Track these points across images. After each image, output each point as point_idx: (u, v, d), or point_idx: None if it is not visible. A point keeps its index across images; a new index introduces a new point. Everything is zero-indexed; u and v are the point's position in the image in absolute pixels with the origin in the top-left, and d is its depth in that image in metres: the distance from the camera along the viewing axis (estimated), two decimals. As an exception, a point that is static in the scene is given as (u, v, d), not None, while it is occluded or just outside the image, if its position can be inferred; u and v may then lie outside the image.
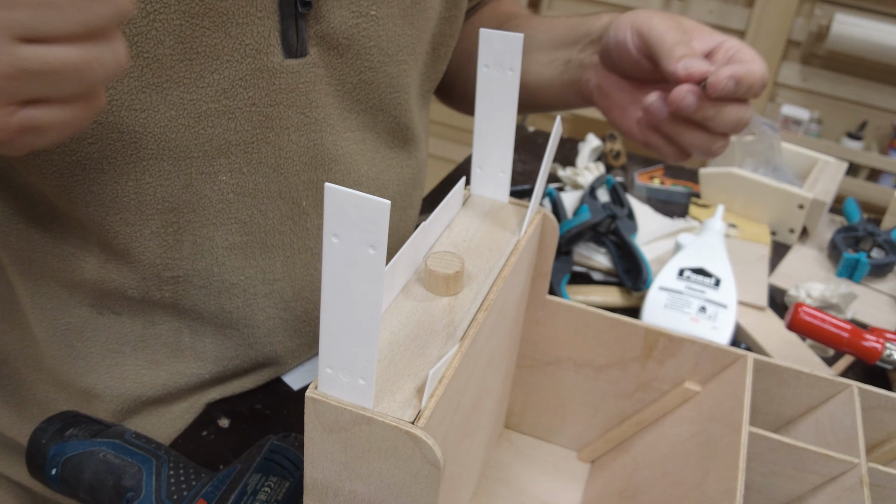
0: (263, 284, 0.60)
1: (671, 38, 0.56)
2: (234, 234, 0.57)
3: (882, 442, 0.54)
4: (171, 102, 0.49)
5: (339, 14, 0.54)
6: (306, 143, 0.57)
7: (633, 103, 0.63)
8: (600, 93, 0.65)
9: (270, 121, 0.54)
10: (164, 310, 0.59)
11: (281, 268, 0.60)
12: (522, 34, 0.45)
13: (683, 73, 0.53)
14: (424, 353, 0.37)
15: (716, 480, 0.45)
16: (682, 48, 0.55)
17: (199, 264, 0.56)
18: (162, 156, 0.51)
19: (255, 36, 0.50)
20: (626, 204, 0.94)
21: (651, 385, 0.55)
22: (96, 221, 0.52)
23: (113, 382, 0.60)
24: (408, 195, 0.71)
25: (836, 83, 2.23)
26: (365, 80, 0.59)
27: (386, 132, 0.64)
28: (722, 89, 0.52)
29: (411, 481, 0.34)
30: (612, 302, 0.81)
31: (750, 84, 0.53)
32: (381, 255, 0.30)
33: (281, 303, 0.62)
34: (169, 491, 0.48)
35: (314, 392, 0.34)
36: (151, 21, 0.45)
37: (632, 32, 0.59)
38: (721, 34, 0.59)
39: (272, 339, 0.63)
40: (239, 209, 0.56)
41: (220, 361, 0.63)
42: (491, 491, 0.56)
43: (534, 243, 0.51)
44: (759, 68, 0.54)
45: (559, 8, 2.42)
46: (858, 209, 1.01)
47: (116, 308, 0.58)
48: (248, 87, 0.52)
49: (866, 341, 0.69)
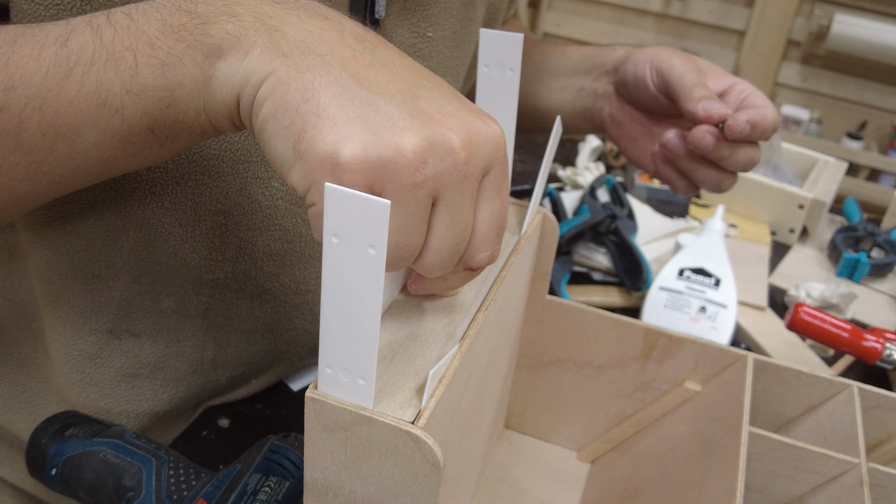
0: (295, 294, 0.60)
1: (690, 79, 0.58)
2: (276, 241, 0.57)
3: (882, 442, 0.54)
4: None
5: (401, 34, 0.55)
6: None
7: (645, 135, 0.65)
8: (613, 122, 0.67)
9: None
10: (192, 323, 0.58)
11: (314, 280, 0.61)
12: (522, 34, 0.45)
13: (703, 114, 0.56)
14: (424, 353, 0.37)
15: (716, 480, 0.45)
16: (701, 90, 0.57)
17: (238, 268, 0.57)
18: (222, 158, 0.51)
19: None
20: (626, 204, 0.94)
21: (651, 385, 0.55)
22: (151, 224, 0.52)
23: (130, 405, 0.59)
24: None
25: (836, 83, 2.24)
26: None
27: None
28: (739, 133, 0.55)
29: (411, 481, 0.34)
30: (612, 302, 0.81)
31: (764, 128, 0.57)
32: (381, 255, 0.30)
33: (309, 314, 0.62)
34: (169, 491, 0.48)
35: (314, 392, 0.34)
36: None
37: (651, 69, 0.61)
38: (733, 77, 0.62)
39: (290, 349, 0.63)
40: (284, 216, 0.56)
41: (238, 367, 0.63)
42: (491, 491, 0.56)
43: (534, 243, 0.51)
44: (771, 114, 0.58)
45: (558, 8, 2.42)
46: (858, 209, 1.01)
47: (137, 330, 0.57)
48: None
49: (866, 341, 0.69)
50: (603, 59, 0.69)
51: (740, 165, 0.59)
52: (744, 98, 0.60)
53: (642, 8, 2.35)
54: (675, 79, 0.59)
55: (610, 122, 0.67)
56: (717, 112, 0.56)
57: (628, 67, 0.63)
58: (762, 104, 0.58)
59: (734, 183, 0.61)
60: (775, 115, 0.58)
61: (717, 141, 0.57)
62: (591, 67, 0.70)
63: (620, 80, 0.65)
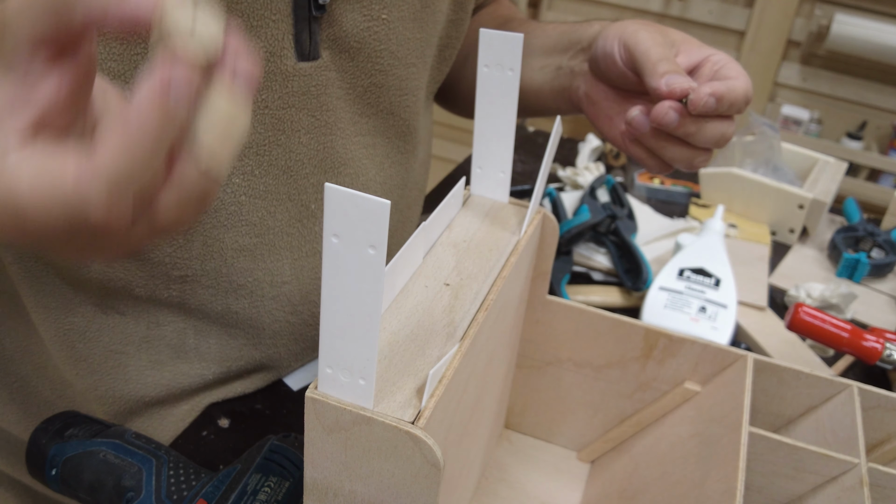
0: (271, 287, 0.60)
1: (655, 53, 0.56)
2: (244, 235, 0.57)
3: (882, 442, 0.54)
4: None
5: (352, 18, 0.54)
6: (316, 146, 0.57)
7: (619, 113, 0.63)
8: (588, 101, 0.65)
9: (282, 123, 0.54)
10: (169, 310, 0.59)
11: (289, 270, 0.60)
12: (522, 34, 0.45)
13: (665, 89, 0.54)
14: (424, 353, 0.37)
15: (716, 480, 0.45)
16: (665, 64, 0.55)
17: (208, 265, 0.56)
18: None
19: (268, 39, 0.50)
20: (626, 204, 0.94)
21: (651, 385, 0.55)
22: None
23: (115, 384, 0.60)
24: (411, 197, 0.71)
25: (836, 83, 2.23)
26: (375, 83, 0.59)
27: (395, 136, 0.64)
28: (703, 106, 0.53)
29: (411, 481, 0.34)
30: (612, 302, 0.81)
31: (732, 101, 0.54)
32: (381, 255, 0.30)
33: (288, 306, 0.62)
34: (169, 491, 0.48)
35: (314, 392, 0.34)
36: None
37: (619, 45, 0.59)
38: (709, 48, 0.59)
39: (276, 342, 0.63)
40: (250, 211, 0.56)
41: (223, 362, 0.63)
42: (491, 491, 0.56)
43: (534, 243, 0.51)
44: (741, 84, 0.54)
45: (559, 7, 2.42)
46: (858, 209, 1.01)
47: (121, 308, 0.58)
48: (261, 89, 0.52)
49: (866, 341, 0.69)
50: (579, 36, 0.66)
51: (711, 141, 0.56)
52: (717, 70, 0.57)
53: (642, 8, 2.35)
54: (641, 54, 0.56)
55: (586, 100, 0.65)
56: (679, 86, 0.53)
57: (598, 43, 0.61)
58: (734, 75, 0.55)
59: (708, 160, 0.58)
60: (746, 86, 0.55)
61: (682, 117, 0.54)
62: (569, 45, 0.67)
63: (592, 57, 0.62)
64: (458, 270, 0.44)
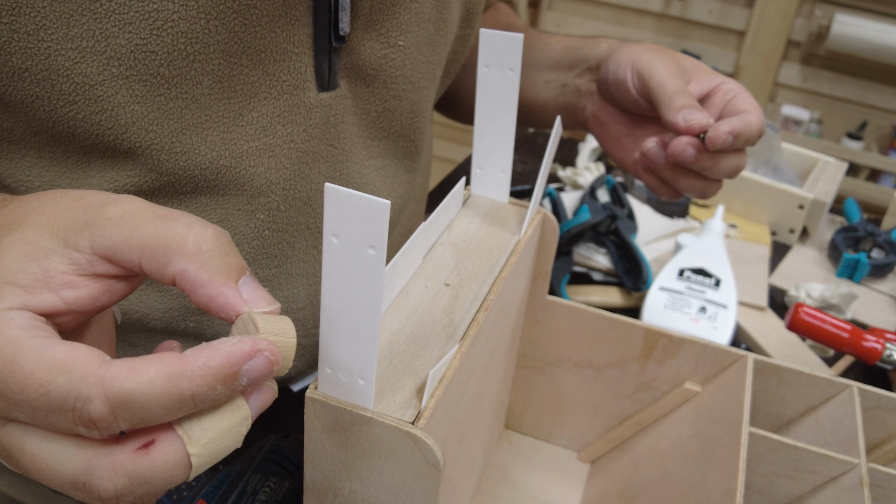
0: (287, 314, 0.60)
1: (671, 85, 0.56)
2: (265, 268, 0.56)
3: (882, 442, 0.54)
4: (212, 143, 0.48)
5: (370, 46, 0.54)
6: (333, 174, 0.57)
7: (628, 135, 0.63)
8: (596, 121, 0.65)
9: (306, 156, 0.54)
10: (184, 340, 0.58)
11: (304, 296, 0.60)
12: (522, 34, 0.45)
13: (683, 125, 0.54)
14: (424, 354, 0.37)
15: (716, 481, 0.45)
16: (681, 98, 0.55)
17: None
18: (200, 191, 0.50)
19: (291, 72, 0.50)
20: (626, 204, 0.94)
21: (651, 385, 0.55)
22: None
23: None
24: (415, 209, 0.71)
25: (836, 83, 2.23)
26: (388, 108, 0.59)
27: (403, 156, 0.64)
28: (721, 144, 0.53)
29: (411, 481, 0.34)
30: (612, 302, 0.81)
31: (748, 137, 0.54)
32: (381, 256, 0.30)
33: (302, 330, 0.62)
34: (169, 491, 0.48)
35: (314, 392, 0.34)
36: (191, 62, 0.45)
37: (632, 73, 0.59)
38: (720, 75, 0.60)
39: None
40: (272, 244, 0.55)
41: None
42: (491, 491, 0.56)
43: (534, 243, 0.51)
44: (756, 119, 0.55)
45: (559, 8, 2.43)
46: (858, 209, 1.01)
47: (133, 340, 0.56)
48: (286, 123, 0.51)
49: (866, 341, 0.69)
50: (586, 55, 0.66)
51: (724, 174, 0.57)
52: (730, 99, 0.57)
53: (642, 8, 2.35)
54: (657, 85, 0.56)
55: (593, 121, 0.65)
56: (697, 123, 0.54)
57: (609, 67, 0.61)
58: (747, 108, 0.56)
59: (719, 189, 0.60)
60: (760, 121, 0.55)
61: (698, 152, 0.54)
62: (575, 62, 0.67)
63: (602, 80, 0.63)
64: (458, 270, 0.44)
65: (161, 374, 0.27)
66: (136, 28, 0.42)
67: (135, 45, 0.43)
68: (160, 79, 0.45)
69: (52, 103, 0.43)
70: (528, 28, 0.79)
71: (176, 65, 0.44)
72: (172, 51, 0.44)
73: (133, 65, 0.43)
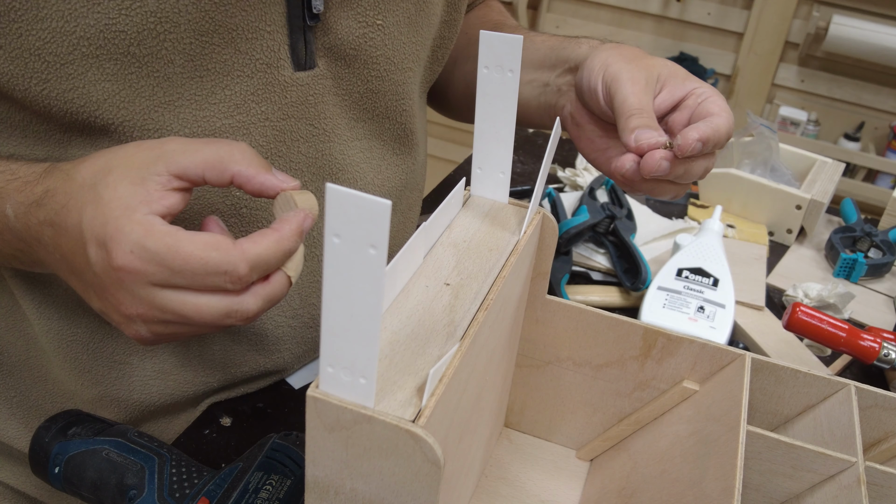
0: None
1: (630, 105, 0.56)
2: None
3: (879, 441, 0.54)
4: (185, 120, 0.49)
5: (347, 25, 0.54)
6: (315, 154, 0.57)
7: (601, 137, 0.63)
8: (573, 122, 0.65)
9: (282, 134, 0.54)
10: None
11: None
12: (521, 37, 0.45)
13: (633, 145, 0.54)
14: (425, 353, 0.38)
15: (714, 479, 0.45)
16: (637, 119, 0.55)
17: None
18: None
19: (264, 50, 0.50)
20: (624, 204, 0.94)
21: (649, 384, 0.55)
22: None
23: (119, 393, 0.60)
24: (409, 198, 0.71)
25: (834, 84, 2.24)
26: (371, 89, 0.59)
27: (391, 139, 0.64)
28: (691, 151, 0.54)
29: (412, 480, 0.34)
30: (611, 302, 0.81)
31: (716, 142, 0.55)
32: (382, 255, 0.30)
33: (289, 310, 0.62)
34: (171, 489, 0.49)
35: (315, 391, 0.34)
36: (161, 41, 0.46)
37: (602, 84, 0.59)
38: (695, 80, 0.59)
39: (279, 346, 0.64)
40: (250, 222, 0.56)
41: (227, 369, 0.63)
42: (491, 489, 0.57)
43: (533, 243, 0.51)
44: (724, 122, 0.55)
45: (558, 8, 2.43)
46: (856, 210, 1.01)
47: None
48: (259, 101, 0.52)
49: (863, 341, 0.69)
50: (568, 55, 0.66)
51: (696, 177, 0.57)
52: (701, 102, 0.57)
53: (641, 10, 2.35)
54: (619, 102, 0.56)
55: (570, 120, 0.65)
56: (646, 142, 0.54)
57: (584, 74, 0.61)
58: (716, 111, 0.56)
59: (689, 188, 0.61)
60: (729, 123, 0.55)
61: (672, 164, 0.55)
62: (557, 62, 0.67)
63: (577, 87, 0.63)
64: (459, 270, 0.44)
65: (272, 240, 0.41)
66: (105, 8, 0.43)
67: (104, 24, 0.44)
68: (131, 58, 0.46)
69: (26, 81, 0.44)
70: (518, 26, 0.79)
71: (146, 44, 0.45)
72: (142, 30, 0.45)
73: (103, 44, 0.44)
